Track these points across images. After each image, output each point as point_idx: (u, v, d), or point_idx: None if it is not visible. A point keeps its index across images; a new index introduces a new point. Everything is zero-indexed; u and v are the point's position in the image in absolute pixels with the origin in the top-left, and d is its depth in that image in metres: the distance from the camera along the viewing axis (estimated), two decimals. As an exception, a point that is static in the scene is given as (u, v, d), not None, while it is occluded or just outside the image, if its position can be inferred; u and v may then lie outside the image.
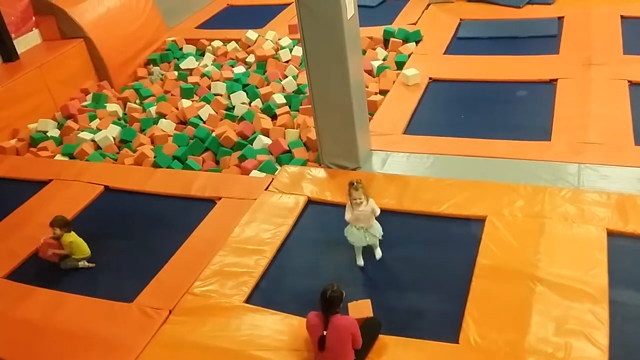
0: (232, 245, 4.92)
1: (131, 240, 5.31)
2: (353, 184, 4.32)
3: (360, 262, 4.55)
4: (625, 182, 4.95)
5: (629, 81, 6.38)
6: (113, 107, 7.62)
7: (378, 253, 4.58)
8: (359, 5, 5.32)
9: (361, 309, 4.01)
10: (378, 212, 4.39)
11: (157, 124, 7.04)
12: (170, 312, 4.37)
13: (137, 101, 7.88)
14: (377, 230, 4.44)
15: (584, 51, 7.11)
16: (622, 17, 7.81)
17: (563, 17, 8.13)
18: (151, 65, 8.73)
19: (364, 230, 4.39)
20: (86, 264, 5.02)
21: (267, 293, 4.48)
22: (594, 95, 6.24)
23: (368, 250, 4.58)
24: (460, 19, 8.59)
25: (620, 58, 6.90)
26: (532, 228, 4.58)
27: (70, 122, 7.35)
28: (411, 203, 5.09)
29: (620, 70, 6.60)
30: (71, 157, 6.75)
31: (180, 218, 5.44)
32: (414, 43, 8.03)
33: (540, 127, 5.90)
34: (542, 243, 4.43)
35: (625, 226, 4.49)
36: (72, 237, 4.97)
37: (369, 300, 4.08)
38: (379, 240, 4.51)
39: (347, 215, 4.39)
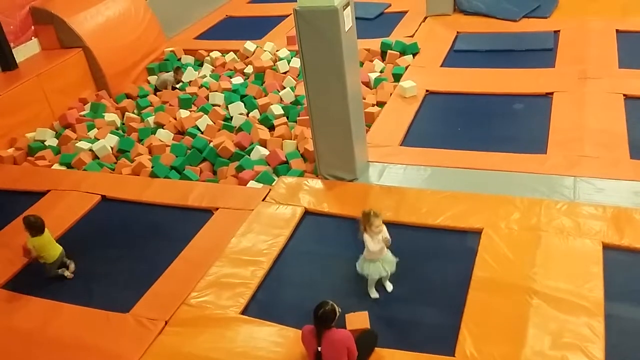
0: (229, 255, 4.92)
1: (128, 250, 5.30)
2: (371, 212, 4.09)
3: (375, 294, 4.36)
4: (621, 195, 4.98)
5: (624, 95, 6.43)
6: (111, 116, 7.63)
7: (389, 286, 4.41)
8: (356, 18, 5.37)
9: (358, 320, 4.02)
10: (389, 238, 4.18)
11: (155, 134, 7.05)
12: (166, 322, 4.36)
13: (135, 111, 7.89)
14: (392, 257, 4.29)
15: (580, 65, 7.17)
16: (617, 31, 7.89)
17: (559, 31, 8.20)
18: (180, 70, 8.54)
19: (381, 261, 4.25)
20: (67, 273, 4.98)
21: (263, 304, 4.48)
22: (590, 108, 6.28)
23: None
24: (457, 32, 8.66)
25: (616, 72, 6.96)
26: (529, 241, 4.60)
27: (68, 132, 7.36)
28: (408, 215, 5.10)
29: (615, 84, 6.66)
30: (69, 166, 6.75)
31: (177, 228, 5.44)
32: (411, 55, 8.08)
33: (536, 140, 5.93)
34: (538, 256, 4.44)
35: (620, 240, 4.51)
36: (35, 241, 4.86)
37: (366, 312, 4.09)
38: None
39: (375, 246, 4.10)
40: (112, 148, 6.94)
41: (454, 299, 4.23)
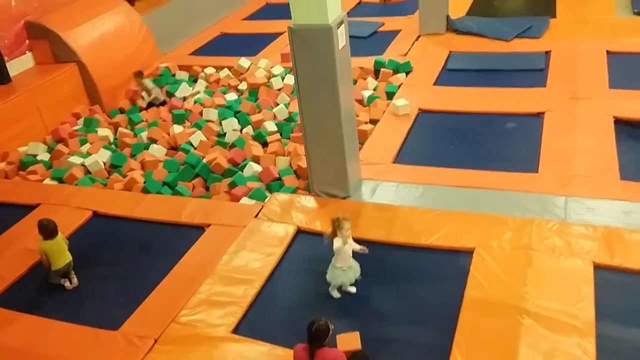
0: (220, 273, 4.89)
1: (118, 266, 5.27)
2: (340, 217, 4.34)
3: (337, 294, 4.54)
4: (612, 215, 5.00)
5: (614, 116, 6.48)
6: (104, 131, 7.62)
7: (353, 288, 4.58)
8: (350, 36, 5.41)
9: (349, 341, 4.01)
10: (357, 247, 4.44)
11: (147, 149, 7.04)
12: (155, 341, 4.32)
13: (129, 126, 7.88)
14: (357, 265, 4.46)
15: (571, 85, 7.24)
16: (608, 52, 7.98)
17: (550, 51, 8.29)
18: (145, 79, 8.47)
19: (348, 269, 4.43)
20: (68, 283, 4.99)
21: (254, 323, 4.44)
22: (580, 128, 6.33)
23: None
24: (450, 51, 8.74)
25: (606, 93, 7.03)
26: (520, 260, 4.61)
27: (60, 146, 7.33)
28: (400, 233, 5.11)
29: (606, 104, 6.72)
30: (60, 181, 6.72)
31: (169, 245, 5.41)
32: (404, 74, 8.14)
33: (528, 159, 5.97)
34: (530, 275, 4.45)
35: (611, 259, 4.53)
36: (45, 244, 4.92)
37: (358, 332, 4.07)
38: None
39: (346, 247, 4.32)
40: (104, 163, 6.91)
41: (446, 318, 4.22)
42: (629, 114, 6.49)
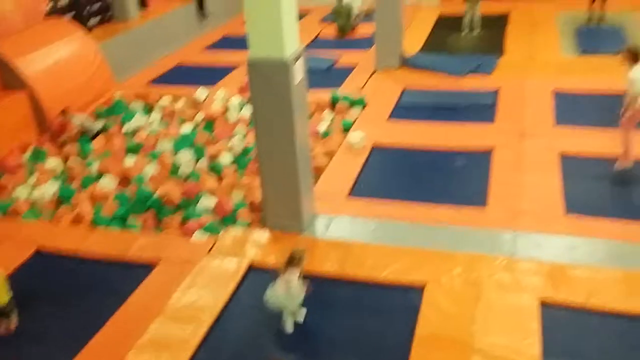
0: (170, 312, 4.77)
1: (63, 306, 5.07)
2: (301, 250, 4.43)
3: (292, 327, 4.56)
4: (557, 251, 5.15)
5: (559, 152, 6.73)
6: (53, 162, 7.41)
7: (300, 317, 4.63)
8: (307, 70, 5.48)
9: (300, 381, 3.95)
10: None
11: (98, 182, 6.87)
12: (99, 385, 4.16)
13: (79, 157, 7.68)
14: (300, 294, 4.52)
15: (518, 122, 7.50)
16: (554, 90, 8.33)
17: (499, 88, 8.59)
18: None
19: (289, 296, 4.48)
20: (4, 326, 4.74)
21: (204, 363, 4.34)
22: (527, 164, 6.54)
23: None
24: (404, 87, 8.95)
25: (552, 130, 7.31)
26: (469, 296, 4.68)
27: (5, 178, 7.07)
28: (353, 269, 5.12)
29: (551, 141, 6.98)
30: (5, 214, 6.46)
31: (117, 282, 5.25)
32: (360, 108, 8.27)
33: (477, 194, 6.11)
34: (479, 311, 4.52)
35: (556, 295, 4.65)
36: None
37: (308, 371, 4.03)
38: None
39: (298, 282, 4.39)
40: (52, 196, 6.69)
41: (397, 354, 4.23)
42: (574, 150, 6.75)
